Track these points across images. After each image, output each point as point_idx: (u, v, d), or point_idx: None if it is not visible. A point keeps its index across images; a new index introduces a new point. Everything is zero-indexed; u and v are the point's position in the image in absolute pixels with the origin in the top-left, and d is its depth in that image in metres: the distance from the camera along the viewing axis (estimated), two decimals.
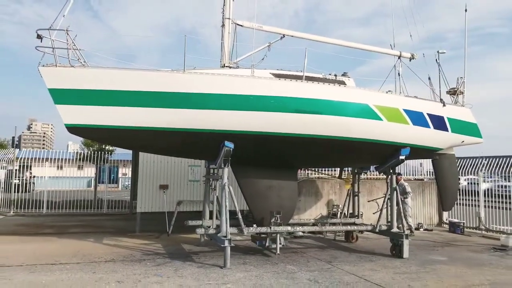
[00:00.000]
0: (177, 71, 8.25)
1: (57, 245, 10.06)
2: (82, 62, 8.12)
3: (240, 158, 8.67)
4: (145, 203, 12.24)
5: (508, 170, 13.45)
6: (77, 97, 8.05)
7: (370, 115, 8.69)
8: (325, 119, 8.38)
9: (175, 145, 8.99)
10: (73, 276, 7.08)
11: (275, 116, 8.22)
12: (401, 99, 9.47)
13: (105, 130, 8.29)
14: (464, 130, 10.54)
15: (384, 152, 9.46)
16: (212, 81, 8.18)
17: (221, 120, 8.22)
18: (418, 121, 9.39)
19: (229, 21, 9.62)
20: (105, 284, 6.60)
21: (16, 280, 6.74)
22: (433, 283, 7.32)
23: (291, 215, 9.75)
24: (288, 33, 10.07)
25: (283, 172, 9.43)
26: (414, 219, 15.36)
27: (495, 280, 7.60)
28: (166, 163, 12.42)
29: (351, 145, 8.82)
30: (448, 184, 11.34)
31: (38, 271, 7.38)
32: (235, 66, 9.60)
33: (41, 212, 16.91)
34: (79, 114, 8.09)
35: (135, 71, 8.21)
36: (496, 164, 13.94)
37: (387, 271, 8.10)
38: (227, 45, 9.64)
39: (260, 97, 8.19)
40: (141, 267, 7.86)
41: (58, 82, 8.00)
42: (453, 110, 10.28)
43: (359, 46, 10.90)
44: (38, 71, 8.07)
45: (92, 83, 8.05)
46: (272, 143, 8.55)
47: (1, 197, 17.50)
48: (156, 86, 8.06)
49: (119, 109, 8.10)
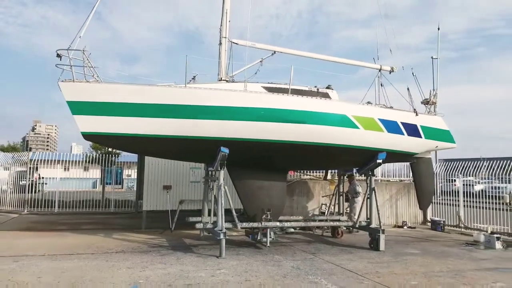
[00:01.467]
0: (179, 86, 9.45)
1: (72, 239, 11.27)
2: (96, 77, 9.32)
3: (234, 161, 9.85)
4: (150, 202, 13.44)
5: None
6: (91, 109, 9.24)
7: (348, 124, 9.88)
8: (308, 128, 9.57)
9: (178, 150, 10.19)
10: (89, 263, 8.27)
11: (265, 125, 9.41)
12: (376, 109, 10.66)
13: (116, 137, 9.50)
14: (437, 137, 11.71)
15: (362, 156, 10.64)
16: (210, 94, 9.38)
17: (218, 128, 9.39)
18: (392, 129, 10.57)
19: (225, 39, 10.83)
20: (117, 269, 7.79)
21: (42, 266, 7.93)
22: (399, 270, 8.47)
23: (280, 212, 10.91)
24: (278, 50, 11.27)
25: (273, 174, 10.60)
26: (400, 218, 16.60)
27: (454, 268, 8.72)
28: (170, 166, 13.60)
29: (332, 150, 10.03)
30: (424, 185, 12.51)
31: (58, 259, 8.58)
32: (231, 79, 10.80)
33: (52, 210, 18.18)
34: (94, 124, 9.28)
35: (142, 86, 9.40)
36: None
37: (361, 261, 9.25)
38: (224, 60, 10.84)
39: (252, 108, 9.38)
40: (147, 256, 9.05)
41: (75, 95, 9.19)
42: (426, 118, 11.46)
43: (342, 61, 12.08)
44: (58, 86, 9.30)
45: (105, 96, 9.25)
46: (262, 149, 9.73)
47: (14, 197, 18.81)
48: (160, 99, 9.25)
49: (128, 119, 9.29)
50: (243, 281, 7.16)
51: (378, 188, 16.48)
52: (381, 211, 15.93)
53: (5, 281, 6.75)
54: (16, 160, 19.49)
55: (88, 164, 22.62)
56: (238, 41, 10.86)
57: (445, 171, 16.09)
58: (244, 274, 7.65)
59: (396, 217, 16.65)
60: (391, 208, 16.69)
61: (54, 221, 15.12)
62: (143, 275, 7.40)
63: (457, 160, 16.98)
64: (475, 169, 14.82)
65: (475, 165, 14.88)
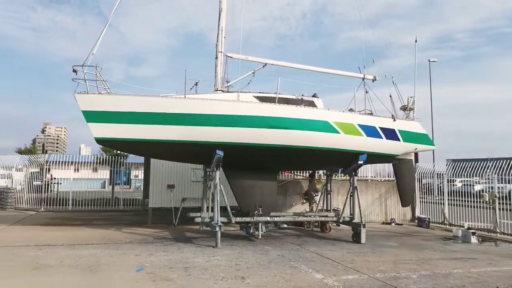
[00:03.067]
0: (179, 96, 10.72)
1: (86, 232, 12.60)
2: (107, 90, 10.63)
3: (230, 163, 11.10)
4: (156, 200, 14.75)
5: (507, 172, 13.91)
6: (103, 117, 10.54)
7: (329, 129, 11.09)
8: (294, 133, 10.79)
9: (179, 153, 11.47)
10: (103, 251, 9.57)
11: (255, 131, 10.64)
12: (355, 116, 11.84)
13: (124, 142, 10.81)
14: (415, 140, 12.85)
15: (344, 158, 11.83)
16: (207, 104, 10.63)
17: (214, 134, 10.64)
18: (371, 133, 11.74)
19: (221, 54, 12.09)
20: (127, 256, 9.07)
21: (62, 253, 9.23)
22: (373, 258, 9.64)
23: (271, 208, 12.12)
24: (269, 62, 12.50)
25: (264, 174, 11.84)
26: (389, 215, 17.73)
27: (423, 257, 9.85)
28: (173, 167, 14.88)
29: (316, 152, 11.24)
30: (406, 184, 13.65)
31: (76, 248, 9.89)
32: (226, 90, 12.06)
33: (67, 208, 19.59)
34: (105, 130, 10.58)
35: (147, 97, 10.70)
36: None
37: (342, 251, 10.44)
38: (219, 72, 12.11)
39: (244, 116, 10.62)
40: (153, 246, 10.34)
41: (89, 105, 10.50)
42: (404, 123, 12.62)
43: (328, 71, 13.29)
44: (74, 97, 10.62)
45: (114, 106, 10.55)
46: (254, 152, 10.96)
47: (30, 196, 20.27)
48: (162, 108, 10.52)
49: (135, 126, 10.57)
50: (233, 265, 8.38)
51: (368, 187, 17.81)
52: (370, 209, 17.32)
53: (33, 264, 8.06)
54: (32, 161, 20.95)
55: (97, 165, 24.07)
56: (233, 55, 12.12)
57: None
58: (235, 260, 8.89)
59: (385, 215, 17.79)
60: (381, 206, 17.84)
61: (69, 217, 16.52)
62: (148, 260, 8.67)
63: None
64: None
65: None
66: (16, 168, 21.89)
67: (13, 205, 19.96)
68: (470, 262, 9.44)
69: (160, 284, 6.78)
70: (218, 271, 7.79)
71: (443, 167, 17.30)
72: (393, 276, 7.82)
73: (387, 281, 7.35)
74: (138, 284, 6.75)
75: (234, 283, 6.95)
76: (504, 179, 14.22)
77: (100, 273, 7.51)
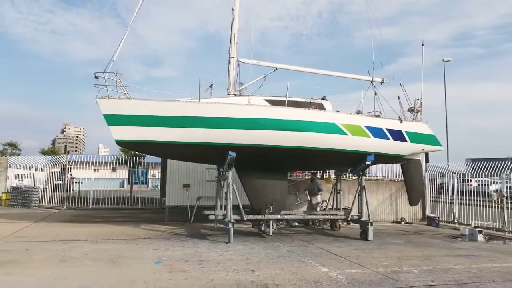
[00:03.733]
0: (194, 101, 11.34)
1: (107, 228, 13.34)
2: (126, 95, 11.31)
3: (242, 163, 11.67)
4: (172, 199, 15.44)
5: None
6: (123, 120, 11.22)
7: (337, 131, 11.56)
8: (302, 135, 11.30)
9: (194, 154, 12.09)
10: (123, 246, 10.24)
11: (265, 133, 11.18)
12: (362, 118, 12.27)
13: (142, 144, 11.49)
14: (422, 140, 13.20)
15: (351, 158, 12.28)
16: (220, 108, 11.23)
17: (227, 136, 11.22)
18: (378, 135, 12.16)
19: (233, 59, 12.67)
20: (145, 250, 9.72)
21: (86, 247, 9.94)
22: (377, 254, 10.09)
23: (282, 206, 12.64)
24: (279, 66, 13.01)
25: (275, 174, 12.36)
26: (400, 215, 18.06)
27: (428, 254, 10.26)
28: (188, 167, 15.54)
29: (324, 153, 11.72)
30: (414, 184, 14.01)
31: (99, 243, 10.60)
32: (238, 93, 12.63)
33: (88, 206, 20.48)
34: (125, 132, 11.26)
35: (163, 101, 11.34)
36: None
37: (349, 248, 10.91)
38: (232, 77, 12.69)
39: (254, 119, 11.17)
40: (169, 242, 10.97)
41: (110, 109, 11.19)
42: (410, 125, 12.99)
43: (338, 74, 13.75)
44: (96, 102, 11.32)
45: (133, 110, 11.22)
46: (264, 153, 11.51)
47: (52, 195, 21.25)
48: (178, 112, 11.16)
49: (151, 129, 11.22)
50: (244, 259, 8.94)
51: (379, 187, 18.17)
52: (381, 208, 17.68)
53: (60, 256, 8.76)
54: (54, 162, 21.92)
55: (116, 165, 24.96)
56: (245, 60, 12.69)
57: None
58: (246, 255, 9.45)
59: (396, 214, 18.12)
60: (391, 205, 18.18)
61: (90, 215, 17.34)
62: (165, 254, 9.29)
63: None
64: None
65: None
66: (37, 168, 22.92)
67: (37, 203, 20.91)
68: (472, 259, 9.80)
69: (176, 274, 7.38)
70: (230, 264, 8.36)
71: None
72: (394, 270, 8.27)
73: (388, 275, 7.81)
74: (156, 274, 7.37)
75: (244, 274, 7.51)
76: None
77: (122, 265, 8.16)
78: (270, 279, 7.21)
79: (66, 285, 6.57)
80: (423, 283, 7.29)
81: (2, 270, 7.45)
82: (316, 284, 7.00)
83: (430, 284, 7.25)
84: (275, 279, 7.22)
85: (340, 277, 7.53)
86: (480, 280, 7.58)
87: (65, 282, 6.79)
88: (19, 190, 21.10)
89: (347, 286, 6.96)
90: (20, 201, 20.72)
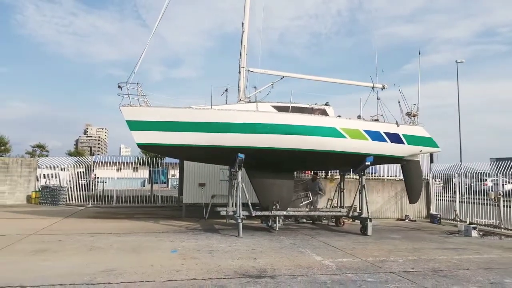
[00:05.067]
0: (207, 107, 12.55)
1: (129, 224, 14.70)
2: (147, 103, 12.59)
3: (251, 164, 12.82)
4: (189, 197, 16.72)
5: None
6: (144, 126, 12.49)
7: (337, 134, 12.60)
8: (305, 138, 12.38)
9: (208, 156, 13.31)
10: (144, 238, 11.53)
11: (271, 136, 12.30)
12: (361, 122, 13.27)
13: (161, 147, 12.75)
14: (419, 143, 14.12)
15: (351, 159, 13.30)
16: (230, 114, 12.40)
17: (236, 139, 12.38)
18: (376, 138, 13.14)
19: (243, 69, 13.83)
20: (163, 242, 10.97)
21: (111, 239, 11.26)
22: (372, 247, 11.10)
23: (288, 204, 13.74)
24: (285, 75, 14.14)
25: (281, 173, 13.48)
26: (404, 212, 18.94)
27: (419, 247, 11.21)
28: (204, 167, 16.79)
29: (325, 155, 12.78)
30: (413, 183, 14.92)
31: (122, 235, 11.92)
32: (248, 100, 13.78)
33: (111, 204, 22.01)
34: (145, 136, 12.53)
35: (179, 108, 12.57)
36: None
37: (347, 241, 11.94)
38: (242, 85, 13.85)
39: (262, 124, 12.30)
40: (185, 235, 12.22)
41: (132, 116, 12.48)
42: (407, 128, 13.93)
43: (340, 81, 14.81)
44: (119, 109, 12.63)
45: (153, 116, 12.48)
46: (270, 154, 12.63)
47: (78, 194, 22.87)
48: (192, 118, 12.37)
49: (169, 133, 12.47)
50: (249, 250, 10.10)
51: (385, 186, 19.10)
52: (387, 206, 18.60)
53: (89, 246, 10.08)
54: (80, 162, 23.56)
55: (137, 165, 26.47)
56: (254, 70, 13.84)
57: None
58: (252, 246, 10.61)
59: (400, 212, 19.01)
60: (396, 204, 19.07)
61: (114, 212, 18.80)
62: (180, 245, 10.53)
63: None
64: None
65: None
66: (61, 168, 24.57)
67: (64, 201, 22.54)
68: (458, 252, 10.72)
69: (188, 261, 8.59)
70: (236, 253, 9.53)
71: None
72: (382, 260, 9.29)
73: (375, 263, 8.84)
74: (171, 261, 8.58)
75: (247, 261, 8.67)
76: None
77: (142, 253, 9.41)
78: (269, 265, 8.34)
79: (94, 268, 7.81)
80: (403, 269, 8.30)
81: (40, 257, 8.78)
82: (308, 269, 8.10)
83: (409, 270, 8.25)
84: (273, 265, 8.35)
85: (331, 264, 8.60)
86: (455, 268, 8.54)
87: (94, 265, 8.04)
88: (48, 189, 22.76)
89: (335, 270, 8.03)
90: (49, 199, 22.36)
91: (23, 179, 23.15)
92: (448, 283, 7.31)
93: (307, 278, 7.39)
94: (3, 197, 22.46)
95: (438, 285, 7.16)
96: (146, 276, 7.18)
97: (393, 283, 7.21)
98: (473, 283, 7.31)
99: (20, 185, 23.04)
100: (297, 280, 7.18)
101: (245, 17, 14.06)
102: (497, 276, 7.97)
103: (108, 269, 7.64)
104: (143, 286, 6.60)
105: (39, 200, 22.73)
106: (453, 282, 7.40)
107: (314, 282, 7.11)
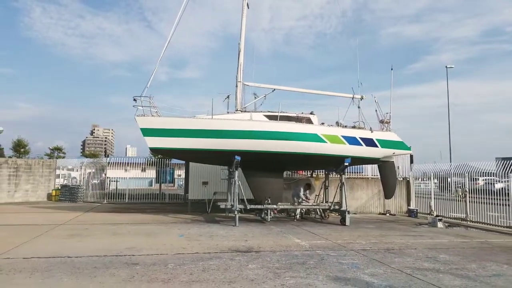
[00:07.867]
0: (208, 117, 14.82)
1: (141, 216, 17.03)
2: (158, 113, 14.87)
3: (246, 165, 15.08)
4: (194, 194, 19.06)
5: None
6: (155, 132, 14.78)
7: (318, 140, 14.83)
8: (292, 143, 14.63)
9: (210, 158, 15.59)
10: (155, 227, 13.84)
11: (263, 141, 14.55)
12: (339, 129, 15.50)
13: (170, 150, 15.05)
14: (392, 146, 16.32)
15: (332, 161, 15.52)
16: (228, 122, 14.66)
17: (234, 144, 14.63)
18: (352, 142, 15.37)
19: (240, 83, 16.10)
20: (172, 229, 13.27)
21: (129, 227, 13.57)
22: (345, 234, 13.30)
23: (279, 199, 15.98)
24: (276, 87, 16.39)
25: (273, 173, 15.73)
26: (387, 208, 21.11)
27: (385, 234, 13.38)
28: (207, 167, 19.08)
29: (309, 157, 15.03)
30: (388, 181, 17.13)
31: (137, 225, 14.23)
32: (244, 110, 16.06)
33: (124, 201, 24.39)
34: (156, 141, 14.81)
35: (185, 118, 14.85)
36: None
37: (326, 230, 14.15)
38: (239, 97, 16.11)
39: (255, 131, 14.56)
40: (190, 225, 14.51)
41: (145, 124, 14.77)
42: (381, 133, 16.14)
43: (323, 93, 17.05)
44: (134, 119, 14.93)
45: (163, 125, 14.77)
46: (263, 157, 14.87)
47: (93, 192, 25.26)
48: (195, 126, 14.64)
49: (177, 139, 14.73)
50: (243, 235, 12.35)
51: (369, 184, 21.29)
52: (370, 202, 20.79)
53: (112, 232, 12.40)
54: (96, 163, 26.00)
55: (146, 166, 28.80)
56: (249, 83, 16.12)
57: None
58: (245, 232, 12.87)
59: (383, 207, 21.19)
60: (379, 200, 21.24)
61: (127, 207, 21.18)
62: (186, 231, 12.82)
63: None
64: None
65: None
66: (73, 168, 26.97)
67: (82, 199, 24.91)
68: (416, 238, 12.87)
69: (193, 242, 10.87)
70: (232, 237, 11.80)
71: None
72: (349, 242, 11.51)
73: (342, 244, 11.06)
74: (179, 242, 10.86)
75: (239, 242, 10.94)
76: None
77: (155, 236, 11.71)
78: (256, 244, 10.61)
79: (119, 246, 10.08)
80: (362, 248, 10.54)
81: (75, 240, 11.07)
82: (287, 247, 10.36)
83: (367, 249, 10.47)
84: (259, 245, 10.61)
85: (306, 244, 10.84)
86: (405, 248, 10.75)
87: (118, 244, 10.32)
88: (67, 187, 25.17)
89: (307, 248, 10.28)
90: (68, 197, 24.76)
91: (44, 179, 25.59)
92: (392, 256, 9.52)
93: (284, 253, 9.64)
94: (27, 194, 24.89)
95: (384, 257, 9.37)
96: (160, 251, 9.46)
97: (350, 256, 9.43)
98: (412, 257, 9.51)
99: (42, 184, 25.48)
100: (275, 254, 9.43)
101: (241, 39, 16.33)
102: (436, 253, 10.14)
103: (130, 247, 9.93)
104: (158, 257, 8.88)
105: (58, 197, 25.12)
106: (397, 256, 9.60)
107: (288, 255, 9.35)
